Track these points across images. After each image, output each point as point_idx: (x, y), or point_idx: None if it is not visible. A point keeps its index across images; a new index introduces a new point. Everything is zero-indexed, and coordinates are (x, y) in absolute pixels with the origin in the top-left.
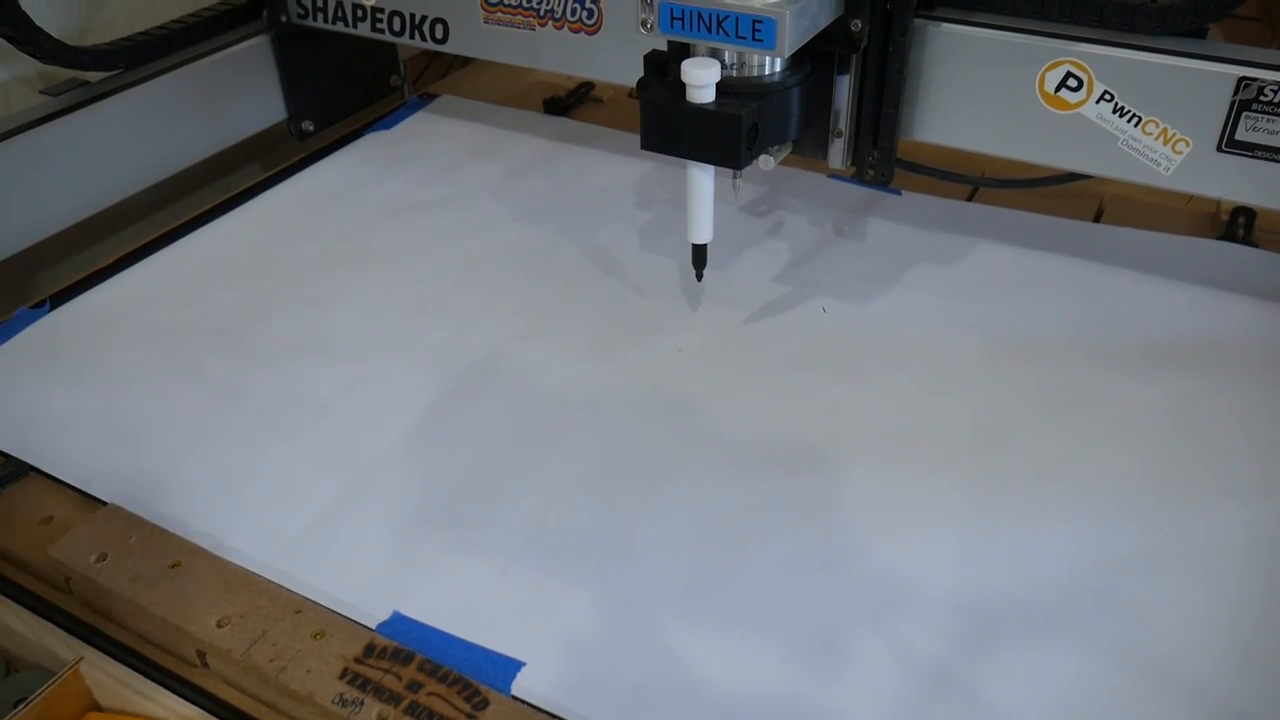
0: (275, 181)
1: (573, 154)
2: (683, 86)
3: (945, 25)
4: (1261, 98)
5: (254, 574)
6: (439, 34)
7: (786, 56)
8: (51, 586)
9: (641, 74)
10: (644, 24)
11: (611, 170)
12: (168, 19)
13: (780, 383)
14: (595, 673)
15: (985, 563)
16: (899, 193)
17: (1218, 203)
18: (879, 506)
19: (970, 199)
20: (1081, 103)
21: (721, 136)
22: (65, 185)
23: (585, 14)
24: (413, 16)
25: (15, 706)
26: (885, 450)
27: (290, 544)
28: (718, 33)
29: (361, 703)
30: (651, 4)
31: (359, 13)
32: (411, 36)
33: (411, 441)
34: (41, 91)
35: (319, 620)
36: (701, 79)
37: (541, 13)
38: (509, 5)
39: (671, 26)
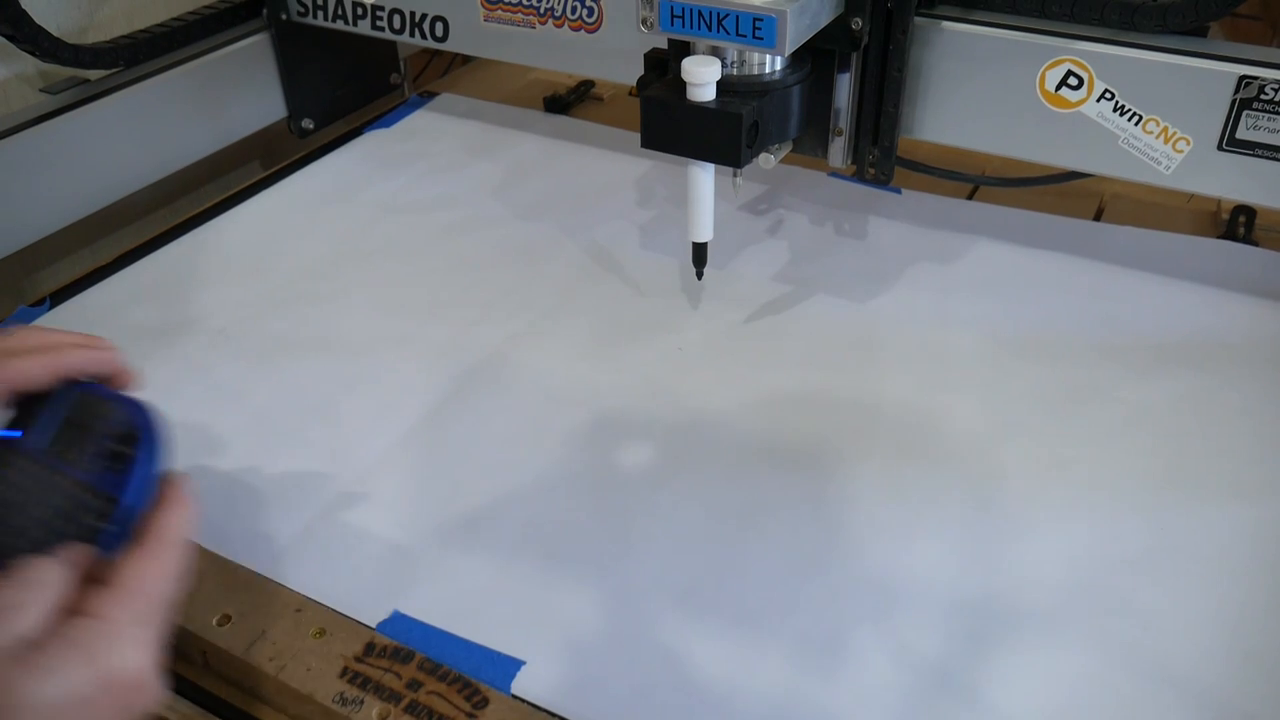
0: (275, 179)
1: (573, 152)
2: (683, 84)
3: (946, 24)
4: (1262, 96)
5: (254, 572)
6: (439, 32)
7: (787, 55)
8: None
9: (642, 72)
10: (644, 22)
11: (612, 168)
12: (167, 17)
13: (780, 381)
14: (595, 672)
15: (986, 562)
16: (899, 191)
17: (1218, 201)
18: (879, 505)
19: (971, 197)
20: (1082, 101)
21: (722, 135)
22: (65, 183)
23: (585, 12)
24: (413, 14)
25: None
26: (885, 449)
27: (291, 542)
28: (718, 31)
29: (362, 701)
30: (652, 2)
31: (359, 10)
32: (411, 34)
33: (411, 440)
34: (41, 90)
35: (319, 619)
36: (702, 77)
37: (542, 11)
38: (509, 3)
39: (672, 25)
